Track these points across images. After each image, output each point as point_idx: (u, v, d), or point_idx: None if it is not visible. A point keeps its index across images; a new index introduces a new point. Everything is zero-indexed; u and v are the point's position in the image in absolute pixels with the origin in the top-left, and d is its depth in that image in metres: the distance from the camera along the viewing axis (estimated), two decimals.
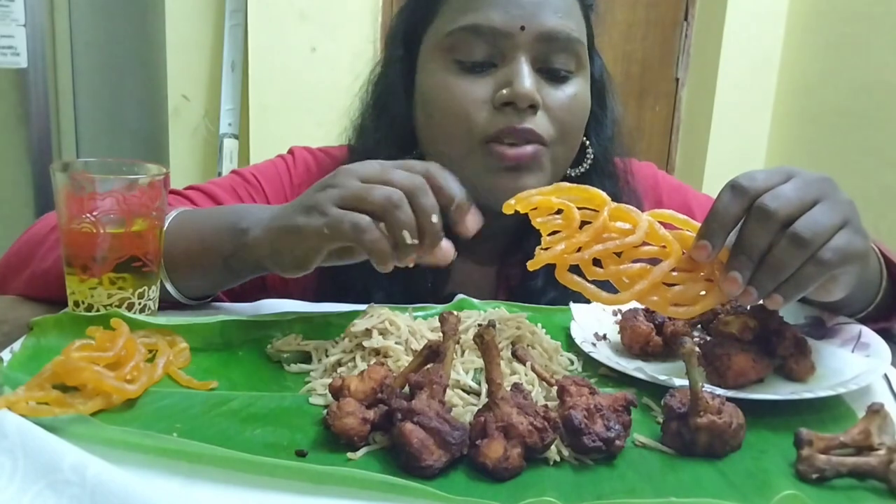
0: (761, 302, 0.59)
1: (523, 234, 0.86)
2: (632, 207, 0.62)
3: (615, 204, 0.62)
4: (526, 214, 0.65)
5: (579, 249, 0.60)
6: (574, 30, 0.81)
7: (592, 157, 0.88)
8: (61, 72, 1.48)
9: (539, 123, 0.79)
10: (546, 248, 0.61)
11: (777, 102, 2.52)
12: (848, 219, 0.58)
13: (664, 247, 0.60)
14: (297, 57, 2.27)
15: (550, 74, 0.81)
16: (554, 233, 0.62)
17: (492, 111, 0.79)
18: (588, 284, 0.60)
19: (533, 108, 0.78)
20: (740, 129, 2.52)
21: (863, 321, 0.73)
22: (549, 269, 0.78)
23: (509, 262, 0.89)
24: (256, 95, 2.28)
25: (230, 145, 2.28)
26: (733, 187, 0.58)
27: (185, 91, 2.30)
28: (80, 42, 1.51)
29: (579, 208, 0.62)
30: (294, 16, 2.24)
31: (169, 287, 0.74)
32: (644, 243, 0.61)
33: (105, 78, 1.66)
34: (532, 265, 0.60)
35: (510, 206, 0.62)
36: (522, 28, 0.78)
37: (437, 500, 0.45)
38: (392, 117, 0.87)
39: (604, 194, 0.62)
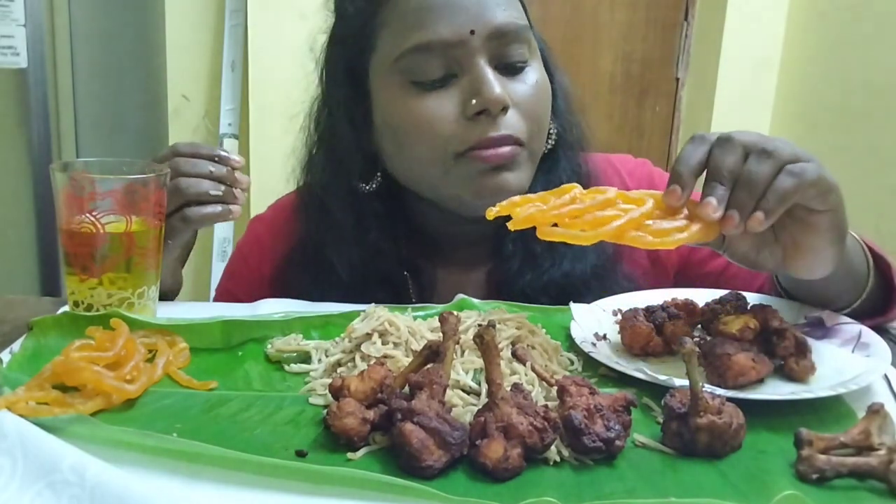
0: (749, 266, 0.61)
1: (504, 233, 0.85)
2: (599, 187, 0.63)
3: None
4: (503, 219, 0.66)
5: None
6: (519, 17, 0.79)
7: (556, 133, 0.87)
8: (61, 72, 1.48)
9: (512, 124, 0.77)
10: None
11: (777, 102, 2.52)
12: (812, 158, 0.60)
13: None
14: (297, 57, 2.27)
15: (508, 68, 0.79)
16: None
17: (464, 124, 0.77)
18: (569, 231, 0.59)
19: (504, 109, 0.77)
20: (740, 129, 2.51)
21: (857, 316, 0.73)
22: (525, 254, 0.83)
23: (498, 265, 0.88)
24: (256, 95, 2.28)
25: (230, 145, 2.28)
26: (694, 137, 0.61)
27: (185, 91, 2.29)
28: (80, 42, 1.51)
29: None
30: (294, 16, 2.23)
31: None
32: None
33: (105, 78, 1.65)
34: (512, 225, 0.61)
35: (492, 213, 0.63)
36: (472, 32, 0.76)
37: (437, 501, 0.45)
38: (344, 151, 0.85)
39: (573, 184, 0.64)
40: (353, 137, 0.84)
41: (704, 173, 0.61)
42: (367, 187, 0.85)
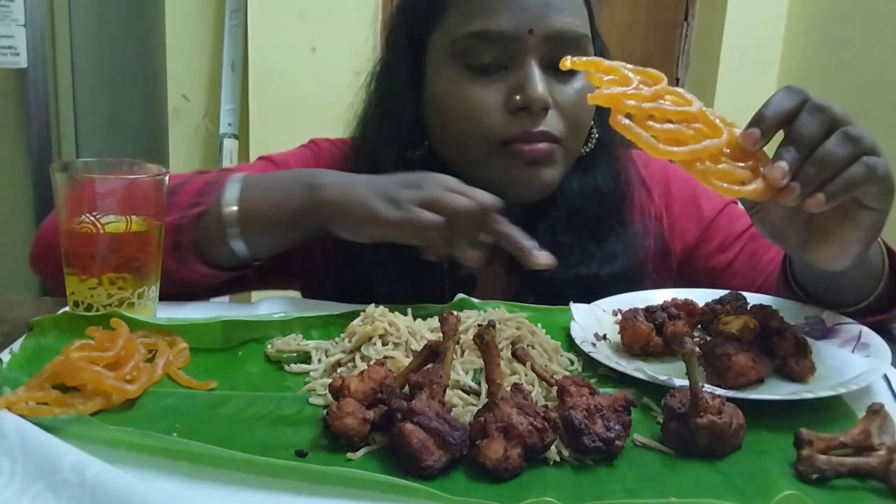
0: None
1: (535, 223, 0.87)
2: (685, 92, 0.61)
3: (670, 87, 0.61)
4: (536, 210, 0.76)
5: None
6: (580, 26, 0.82)
7: (597, 137, 0.88)
8: (61, 72, 1.48)
9: (551, 123, 0.80)
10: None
11: None
12: (884, 154, 0.59)
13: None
14: (297, 57, 2.27)
15: (558, 71, 0.80)
16: None
17: (506, 116, 0.80)
18: (643, 133, 0.57)
19: (545, 109, 0.80)
20: (741, 128, 2.51)
21: (863, 313, 0.73)
22: (554, 246, 0.80)
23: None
24: (256, 95, 2.28)
25: (230, 145, 2.28)
26: (790, 87, 0.60)
27: (185, 91, 2.29)
28: (80, 42, 1.51)
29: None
30: (294, 16, 2.23)
31: (239, 245, 0.75)
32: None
33: (105, 78, 1.66)
34: (591, 99, 0.59)
35: (566, 63, 0.62)
36: (531, 31, 0.79)
37: (437, 501, 0.45)
38: (398, 116, 0.87)
39: (661, 74, 0.61)
40: (408, 103, 0.86)
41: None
42: (416, 153, 0.87)
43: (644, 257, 0.89)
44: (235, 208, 0.74)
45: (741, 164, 0.58)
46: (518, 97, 0.79)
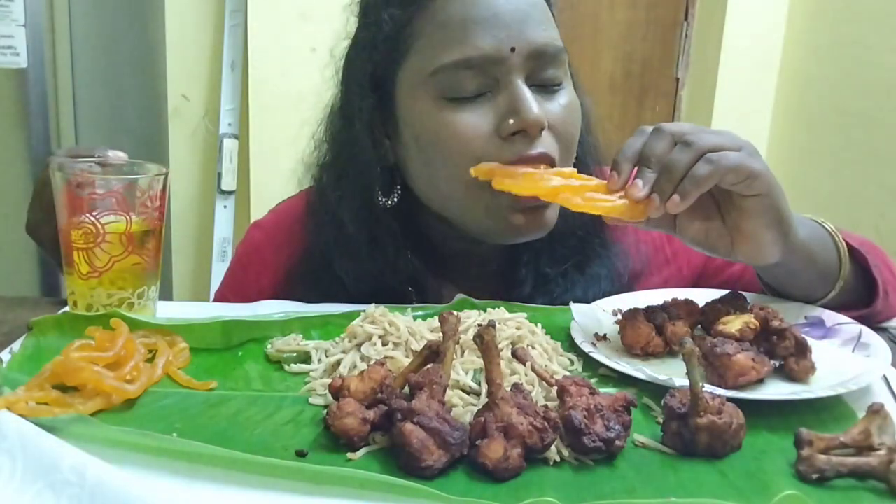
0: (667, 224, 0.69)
1: (518, 256, 0.85)
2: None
3: None
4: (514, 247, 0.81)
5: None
6: (557, 38, 0.78)
7: (575, 156, 0.83)
8: (61, 72, 1.48)
9: (547, 144, 0.75)
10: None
11: (777, 102, 2.52)
12: (744, 146, 0.65)
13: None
14: (297, 57, 2.27)
15: (543, 88, 0.77)
16: None
17: (499, 143, 0.74)
18: (517, 183, 0.69)
19: (542, 130, 0.75)
20: (740, 129, 2.48)
21: (837, 308, 0.74)
22: (537, 278, 0.84)
23: (509, 289, 0.86)
24: (256, 95, 2.27)
25: (230, 145, 2.28)
26: (637, 130, 0.68)
27: (185, 91, 2.29)
28: (80, 42, 1.51)
29: None
30: (294, 16, 2.23)
31: None
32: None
33: (105, 78, 1.65)
34: (473, 171, 0.72)
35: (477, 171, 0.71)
36: (513, 50, 0.73)
37: (437, 501, 0.45)
38: (365, 163, 0.81)
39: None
40: (373, 149, 0.81)
41: None
42: (388, 201, 0.82)
43: (631, 279, 0.86)
44: None
45: (610, 196, 0.67)
46: (511, 121, 0.73)
